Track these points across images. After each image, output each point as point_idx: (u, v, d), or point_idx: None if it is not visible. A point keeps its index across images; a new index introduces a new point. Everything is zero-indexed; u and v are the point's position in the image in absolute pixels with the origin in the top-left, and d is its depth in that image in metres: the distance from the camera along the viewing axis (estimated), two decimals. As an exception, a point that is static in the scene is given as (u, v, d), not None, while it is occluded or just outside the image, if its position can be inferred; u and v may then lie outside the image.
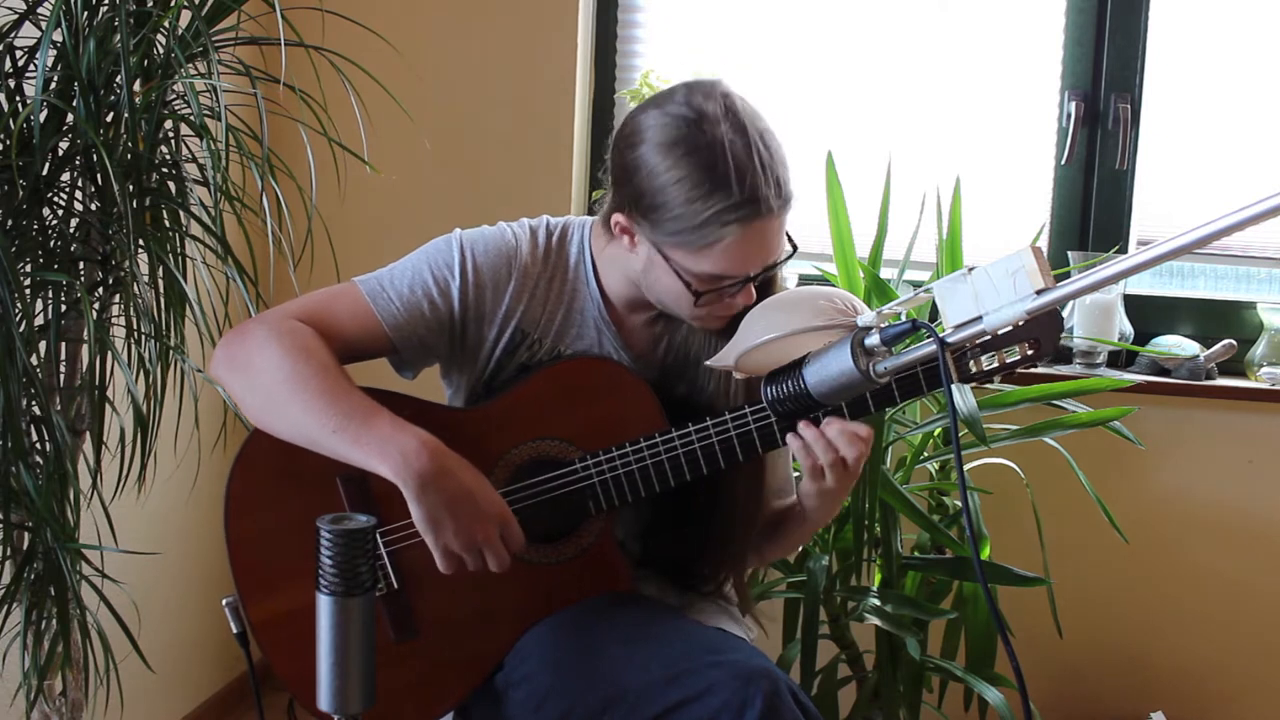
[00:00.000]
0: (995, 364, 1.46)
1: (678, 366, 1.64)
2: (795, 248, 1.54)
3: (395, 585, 1.54)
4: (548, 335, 1.62)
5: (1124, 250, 2.67)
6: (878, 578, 2.24)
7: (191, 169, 1.75)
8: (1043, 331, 1.38)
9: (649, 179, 1.46)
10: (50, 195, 1.65)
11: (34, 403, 1.63)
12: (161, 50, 1.65)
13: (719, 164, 1.43)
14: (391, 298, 1.57)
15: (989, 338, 1.20)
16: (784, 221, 1.49)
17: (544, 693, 1.47)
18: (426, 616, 1.55)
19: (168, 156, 1.72)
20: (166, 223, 1.72)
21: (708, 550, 1.65)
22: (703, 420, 1.55)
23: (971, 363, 1.47)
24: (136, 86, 1.63)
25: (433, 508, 1.42)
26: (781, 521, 1.70)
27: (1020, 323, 1.10)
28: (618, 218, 1.53)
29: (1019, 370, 1.46)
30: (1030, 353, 1.33)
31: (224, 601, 1.52)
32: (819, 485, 1.52)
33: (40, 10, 1.63)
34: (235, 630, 1.51)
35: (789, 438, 1.51)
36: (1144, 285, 2.74)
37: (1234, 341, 2.61)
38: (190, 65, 1.64)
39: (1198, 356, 2.58)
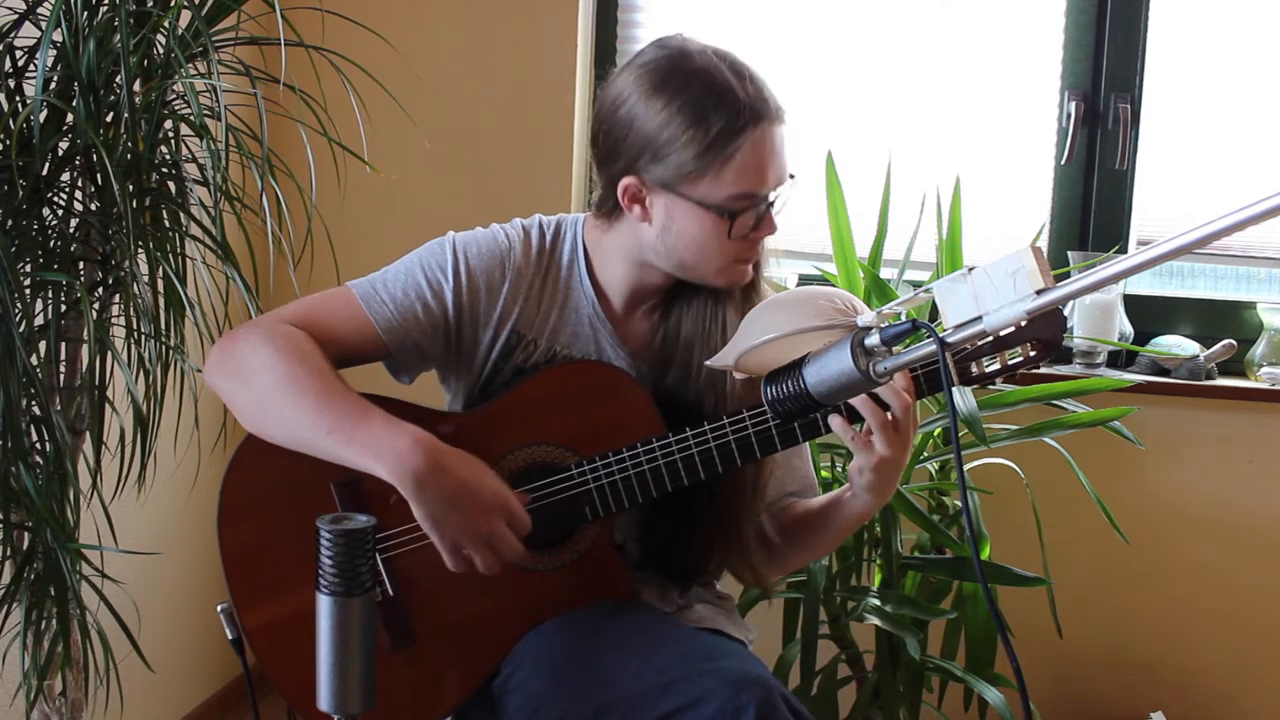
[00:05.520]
0: (997, 365, 1.45)
1: (670, 353, 1.62)
2: (793, 176, 1.55)
3: (390, 592, 1.53)
4: (542, 335, 1.62)
5: (1124, 250, 2.67)
6: (878, 578, 2.24)
7: (191, 169, 1.75)
8: (1045, 332, 1.37)
9: (648, 123, 1.48)
10: (50, 195, 1.65)
11: (34, 403, 1.63)
12: (161, 50, 1.65)
13: (716, 81, 1.47)
14: (384, 300, 1.57)
15: (991, 339, 1.19)
16: (785, 136, 1.51)
17: (539, 699, 1.46)
18: (422, 623, 1.54)
19: (168, 156, 1.72)
20: (166, 223, 1.72)
21: (708, 544, 1.65)
22: (698, 418, 1.55)
23: (973, 365, 1.46)
24: (136, 86, 1.63)
25: (432, 505, 1.41)
26: (812, 522, 1.65)
27: (1021, 323, 1.10)
28: (625, 183, 1.51)
29: (1020, 371, 1.45)
30: (1033, 354, 1.32)
31: (219, 608, 1.51)
32: (869, 458, 1.46)
33: (40, 10, 1.63)
34: (230, 636, 1.50)
35: (831, 419, 1.47)
36: (1144, 285, 2.74)
37: (1234, 341, 2.61)
38: (190, 65, 1.64)
39: (1198, 356, 2.58)
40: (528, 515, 1.47)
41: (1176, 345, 2.63)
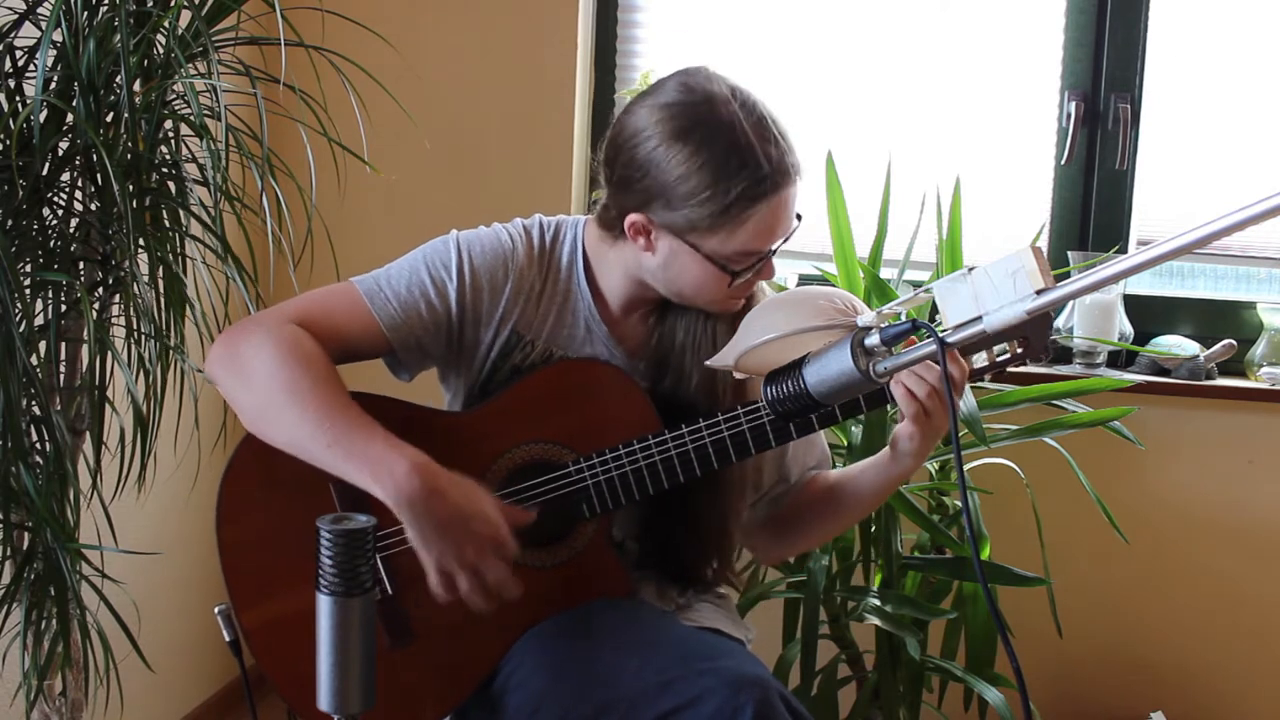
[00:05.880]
0: (985, 363, 1.46)
1: (664, 357, 1.63)
2: (800, 218, 1.54)
3: (389, 591, 1.53)
4: (540, 336, 1.62)
5: (1124, 250, 2.67)
6: (878, 578, 2.24)
7: (191, 169, 1.75)
8: (1031, 330, 1.38)
9: (666, 171, 1.46)
10: (50, 195, 1.65)
11: (34, 403, 1.63)
12: (161, 50, 1.65)
13: (741, 140, 1.45)
14: (389, 298, 1.57)
15: (980, 336, 1.20)
16: (800, 189, 1.52)
17: (539, 698, 1.46)
18: (422, 622, 1.54)
19: (168, 156, 1.72)
20: (166, 223, 1.72)
21: (706, 542, 1.65)
22: (693, 415, 1.55)
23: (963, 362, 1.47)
24: (136, 86, 1.63)
25: (424, 530, 1.41)
26: (847, 490, 1.66)
27: (1019, 322, 1.10)
28: (633, 219, 1.51)
29: (1016, 369, 1.46)
30: (1019, 350, 1.33)
31: (216, 609, 1.50)
32: (926, 424, 1.48)
33: (40, 10, 1.63)
34: (228, 638, 1.49)
35: (893, 387, 1.46)
36: (1144, 285, 2.74)
37: (1234, 341, 2.61)
38: (190, 65, 1.64)
39: (1198, 356, 2.58)
40: (516, 545, 1.46)
41: (1176, 345, 2.63)
